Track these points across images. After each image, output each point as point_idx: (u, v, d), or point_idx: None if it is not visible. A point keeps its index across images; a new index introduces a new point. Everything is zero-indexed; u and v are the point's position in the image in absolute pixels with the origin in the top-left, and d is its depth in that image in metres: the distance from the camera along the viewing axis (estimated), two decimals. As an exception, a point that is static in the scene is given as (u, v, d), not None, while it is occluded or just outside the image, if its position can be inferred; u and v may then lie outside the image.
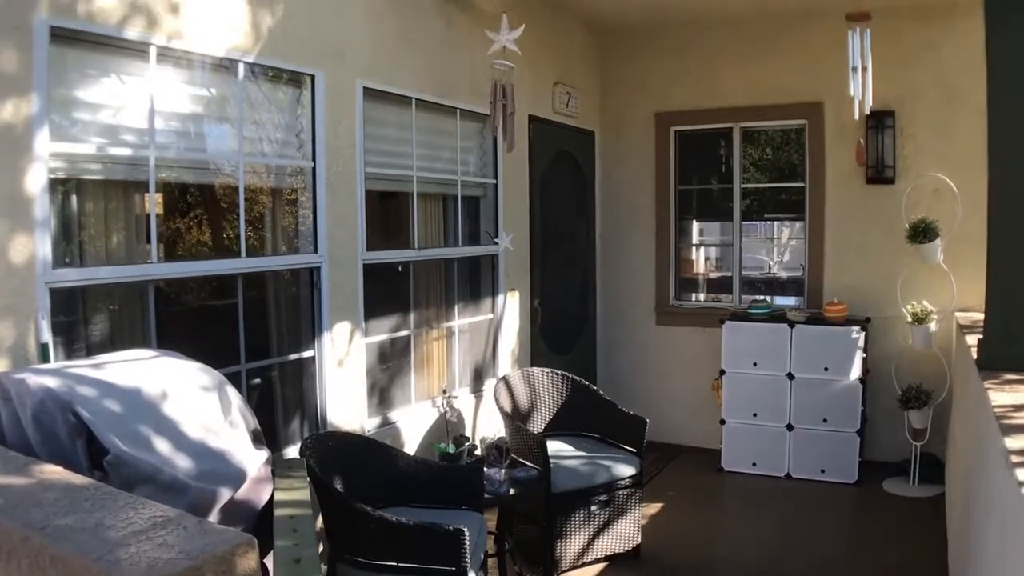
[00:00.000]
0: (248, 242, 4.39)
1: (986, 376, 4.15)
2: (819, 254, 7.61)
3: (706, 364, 7.75)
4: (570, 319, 7.99)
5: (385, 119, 5.40)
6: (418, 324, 5.79)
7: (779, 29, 7.58)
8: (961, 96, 6.78)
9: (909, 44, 7.08)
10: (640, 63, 8.26)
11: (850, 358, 6.89)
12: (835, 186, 7.48)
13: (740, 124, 7.89)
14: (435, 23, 5.78)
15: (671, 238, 8.25)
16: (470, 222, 6.42)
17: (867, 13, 4.68)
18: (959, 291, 6.63)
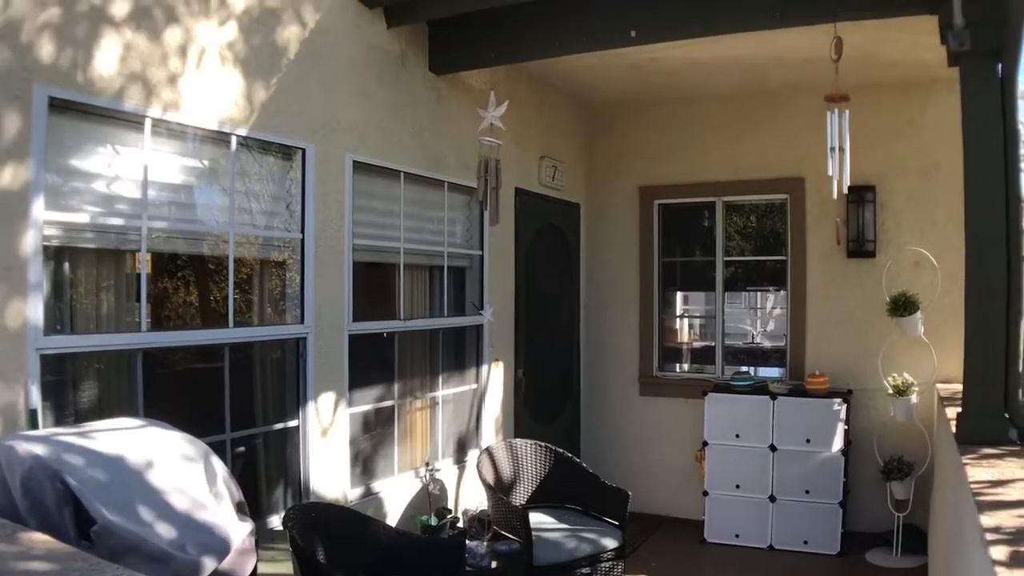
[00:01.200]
0: (236, 312, 4.46)
1: (964, 450, 4.22)
2: (801, 326, 7.72)
3: (689, 435, 7.79)
4: (554, 389, 8.05)
5: (373, 191, 5.53)
6: (402, 394, 5.84)
7: (761, 106, 7.81)
8: (941, 171, 6.97)
9: (890, 119, 7.31)
10: (625, 137, 8.47)
11: (832, 430, 6.96)
12: (817, 259, 7.64)
13: (723, 198, 8.07)
14: (425, 98, 5.94)
15: (655, 309, 8.36)
16: (456, 292, 6.52)
17: (846, 95, 4.83)
18: (940, 363, 6.74)
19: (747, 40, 5.85)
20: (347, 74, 5.20)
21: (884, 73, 6.96)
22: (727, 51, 6.44)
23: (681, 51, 6.38)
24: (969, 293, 4.47)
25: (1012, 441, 4.31)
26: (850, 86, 5.51)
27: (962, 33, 4.37)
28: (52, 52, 3.45)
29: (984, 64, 4.43)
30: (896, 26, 5.39)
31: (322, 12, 4.97)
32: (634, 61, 6.75)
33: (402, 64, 5.69)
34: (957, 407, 4.64)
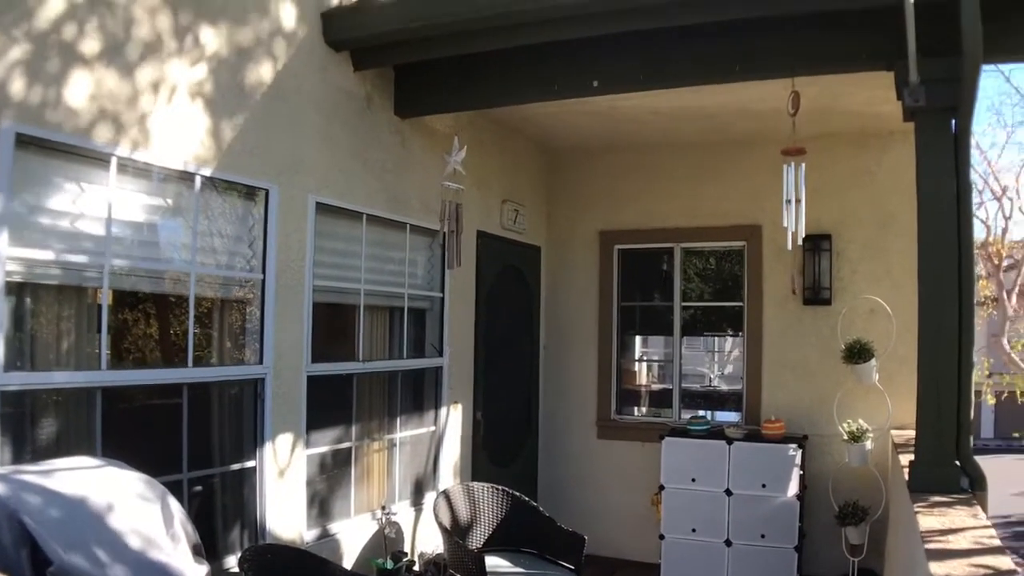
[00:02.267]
0: (196, 351, 4.47)
1: (916, 498, 4.32)
2: (757, 371, 7.85)
3: (646, 479, 7.84)
4: (513, 432, 8.09)
5: (335, 233, 5.58)
6: (360, 436, 5.85)
7: (720, 154, 8.01)
8: (896, 221, 7.16)
9: (847, 170, 7.53)
10: (586, 182, 8.62)
11: (787, 475, 7.05)
12: (773, 306, 7.79)
13: (681, 244, 8.23)
14: (389, 141, 6.02)
15: (613, 353, 8.46)
16: (415, 334, 6.56)
17: (802, 148, 4.99)
18: (894, 410, 6.87)
19: (708, 90, 6.03)
20: (313, 116, 5.27)
21: (842, 124, 7.19)
22: (688, 101, 6.62)
23: (642, 100, 6.54)
24: (922, 343, 4.62)
25: (963, 490, 4.43)
26: (808, 137, 5.70)
27: (917, 90, 4.55)
28: (22, 88, 3.49)
29: (938, 120, 4.62)
30: (854, 80, 5.59)
31: (290, 54, 5.05)
32: (596, 108, 6.90)
33: (367, 107, 5.77)
34: (910, 454, 4.78)
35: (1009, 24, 4.47)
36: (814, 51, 4.97)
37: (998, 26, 4.33)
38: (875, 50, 4.77)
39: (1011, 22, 4.48)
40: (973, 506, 4.15)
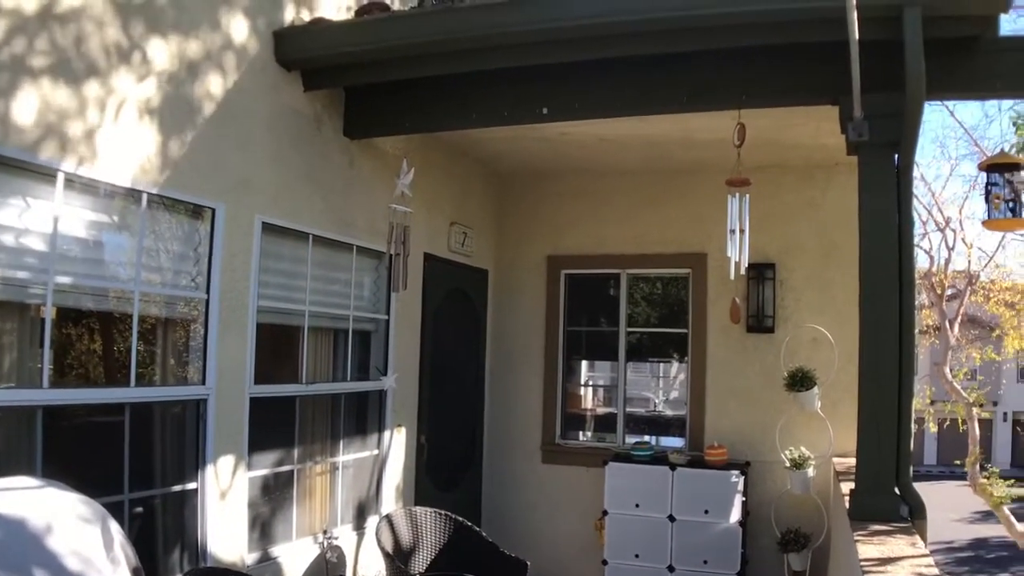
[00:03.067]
0: (139, 370, 4.46)
1: (856, 526, 4.45)
2: (701, 397, 8.00)
3: (590, 504, 7.92)
4: (457, 456, 8.14)
5: (281, 253, 5.61)
6: (302, 458, 5.85)
7: (668, 182, 8.19)
8: (840, 251, 7.35)
9: (792, 200, 7.76)
10: (535, 207, 8.74)
11: (730, 501, 7.19)
12: (717, 333, 7.96)
13: (627, 270, 8.39)
14: (338, 161, 6.07)
15: (558, 377, 8.56)
16: (360, 357, 6.58)
17: (746, 180, 5.14)
18: (836, 437, 7.06)
19: (654, 119, 6.19)
20: (261, 135, 5.31)
21: (788, 155, 7.41)
22: (636, 130, 6.77)
23: (592, 128, 6.68)
24: (862, 373, 4.76)
25: (903, 518, 4.57)
26: (754, 167, 5.86)
27: (861, 125, 4.74)
28: (-34, 103, 3.48)
29: (881, 154, 4.80)
30: (800, 112, 5.79)
31: (240, 72, 5.09)
32: (546, 135, 7.03)
33: (317, 127, 5.82)
34: (851, 482, 4.91)
35: (952, 62, 4.69)
36: (761, 84, 5.14)
37: (941, 64, 4.53)
38: (821, 85, 4.95)
39: (954, 60, 4.70)
40: (912, 535, 4.27)
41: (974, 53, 4.73)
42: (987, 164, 5.77)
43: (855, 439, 4.76)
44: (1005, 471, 22.74)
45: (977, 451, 16.61)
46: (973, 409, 17.05)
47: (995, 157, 5.83)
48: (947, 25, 4.48)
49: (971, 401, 17.10)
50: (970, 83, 4.96)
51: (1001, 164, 5.69)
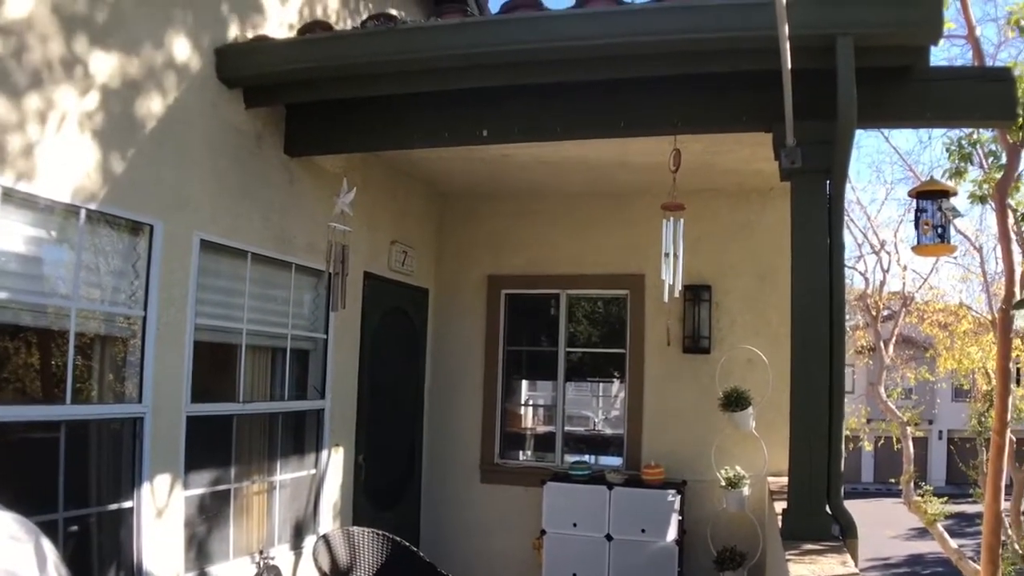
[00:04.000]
0: (75, 388, 4.48)
1: (788, 545, 4.60)
2: (638, 417, 8.17)
3: (529, 523, 8.02)
4: (396, 475, 8.19)
5: (220, 271, 5.64)
6: (239, 477, 5.87)
7: (606, 204, 8.38)
8: (774, 273, 7.58)
9: (728, 223, 7.99)
10: (476, 226, 8.87)
11: (667, 520, 7.35)
12: (654, 353, 8.14)
13: (567, 291, 8.56)
14: (278, 179, 6.14)
15: (497, 396, 8.67)
16: (298, 376, 6.63)
17: (681, 204, 5.31)
18: (771, 457, 7.28)
19: (596, 144, 6.37)
20: (202, 152, 5.36)
21: (723, 180, 7.64)
22: (576, 152, 6.94)
23: (532, 150, 6.84)
24: (794, 393, 4.95)
25: (835, 537, 4.75)
26: (691, 190, 6.05)
27: (793, 152, 4.94)
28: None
29: (813, 180, 5.02)
30: (736, 138, 6.02)
31: (182, 89, 5.15)
32: (487, 155, 7.16)
33: (257, 145, 5.89)
34: (785, 501, 5.06)
35: (883, 91, 4.93)
36: (696, 111, 5.35)
37: (873, 93, 4.76)
38: (755, 112, 5.15)
39: (885, 90, 4.94)
40: (843, 553, 4.43)
41: (905, 83, 4.98)
42: (917, 191, 6.04)
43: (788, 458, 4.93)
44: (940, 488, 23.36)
45: (911, 469, 17.06)
46: (907, 428, 17.52)
47: (925, 184, 6.10)
48: (879, 55, 4.70)
49: (905, 420, 17.57)
50: (901, 112, 5.22)
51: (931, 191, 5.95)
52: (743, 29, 4.67)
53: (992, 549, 10.00)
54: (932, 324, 20.44)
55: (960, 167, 10.52)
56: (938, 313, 20.30)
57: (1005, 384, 9.72)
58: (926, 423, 35.84)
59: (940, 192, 5.95)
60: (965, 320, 19.33)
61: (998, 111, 5.13)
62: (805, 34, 4.31)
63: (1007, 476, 12.47)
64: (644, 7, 4.94)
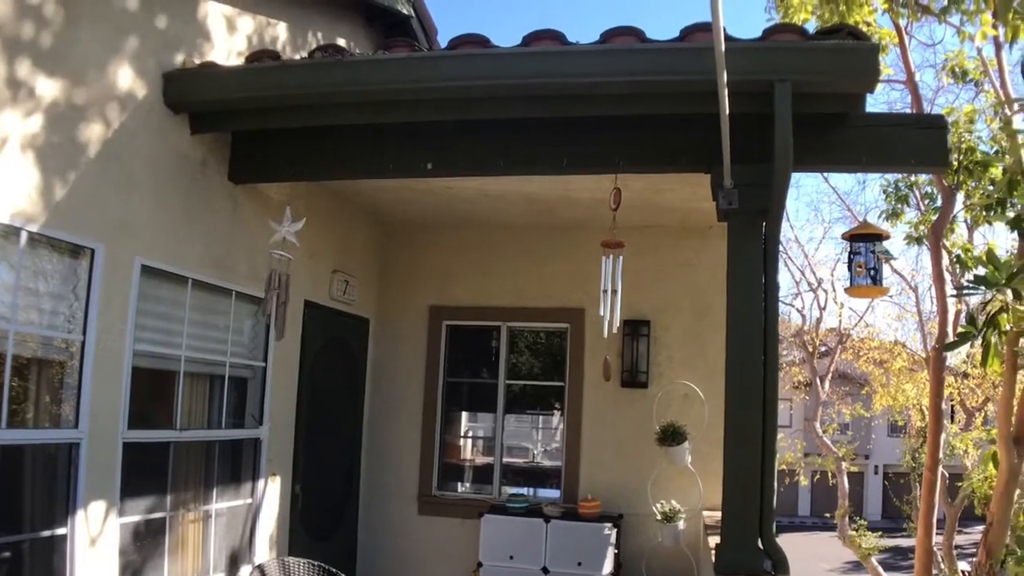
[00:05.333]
0: (10, 411, 4.48)
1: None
2: (576, 450, 8.32)
3: (465, 555, 8.09)
4: (333, 506, 8.22)
5: (160, 296, 5.67)
6: (175, 506, 5.87)
7: (547, 238, 8.56)
8: (711, 310, 7.81)
9: (668, 260, 8.22)
10: (419, 257, 8.98)
11: (602, 553, 7.48)
12: (593, 387, 8.31)
13: (508, 323, 8.71)
14: (221, 206, 6.19)
15: (436, 428, 8.76)
16: (236, 404, 6.64)
17: (620, 242, 5.47)
18: (706, 491, 7.45)
19: (539, 179, 6.55)
20: (145, 177, 5.41)
21: (665, 217, 7.84)
22: (520, 187, 7.11)
23: (476, 183, 7.01)
24: (728, 430, 5.10)
25: (767, 572, 4.89)
26: (632, 226, 6.23)
27: (731, 193, 5.12)
28: None
29: (750, 221, 5.21)
30: (677, 177, 6.22)
31: (128, 113, 5.21)
32: (431, 187, 7.30)
33: (202, 171, 5.95)
34: (719, 536, 5.18)
35: (820, 136, 5.17)
36: (638, 151, 5.52)
37: (810, 137, 4.99)
38: (695, 154, 5.33)
39: (822, 135, 5.18)
40: (774, 588, 4.59)
41: (842, 128, 5.22)
42: (851, 234, 6.29)
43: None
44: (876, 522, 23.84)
45: (846, 504, 17.41)
46: (842, 463, 17.89)
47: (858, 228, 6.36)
48: (816, 101, 4.93)
49: (840, 455, 17.94)
50: (837, 157, 5.45)
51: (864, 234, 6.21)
52: (683, 73, 4.86)
53: (924, 583, 10.26)
54: (868, 361, 20.95)
55: (897, 209, 10.92)
56: (874, 350, 20.82)
57: (937, 422, 10.02)
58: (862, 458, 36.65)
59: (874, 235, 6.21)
60: (900, 357, 19.84)
61: (932, 157, 5.36)
62: (744, 79, 4.49)
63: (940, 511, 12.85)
64: (587, 48, 5.11)
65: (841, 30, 5.00)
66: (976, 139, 8.50)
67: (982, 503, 10.33)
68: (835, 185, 27.80)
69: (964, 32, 7.98)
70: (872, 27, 8.98)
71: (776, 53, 4.89)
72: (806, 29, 5.55)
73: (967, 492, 12.47)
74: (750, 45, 4.87)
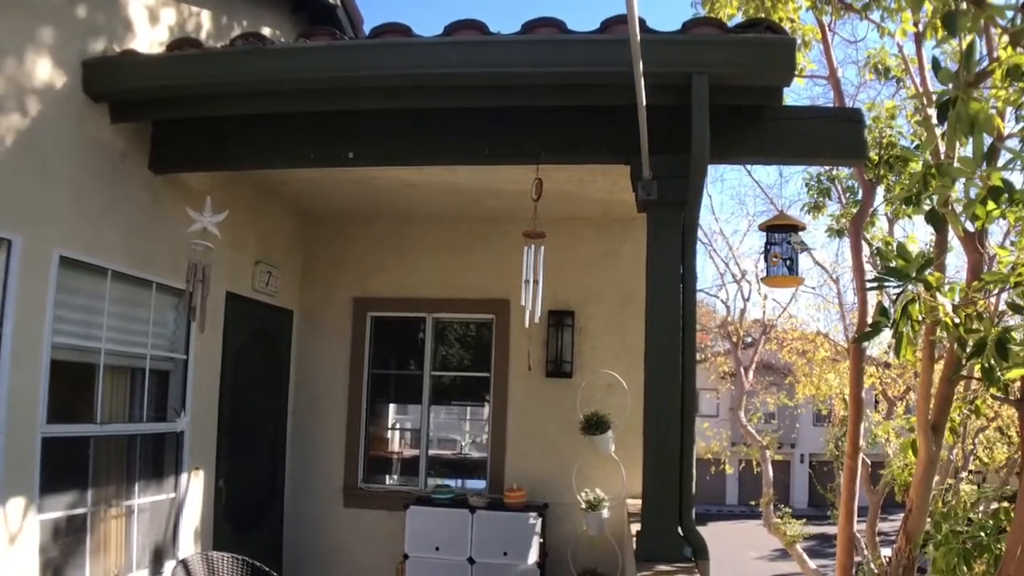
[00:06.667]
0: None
1: (642, 567, 4.92)
2: (502, 441, 8.49)
3: (392, 547, 8.18)
4: (257, 500, 8.26)
5: (79, 288, 5.67)
6: (96, 501, 5.86)
7: (472, 229, 8.70)
8: (635, 300, 7.82)
9: (591, 251, 8.41)
10: (343, 248, 9.04)
11: (528, 543, 7.65)
12: (518, 378, 8.48)
13: (433, 315, 8.82)
14: (142, 196, 6.20)
15: (362, 420, 8.84)
16: (158, 397, 6.65)
17: (542, 232, 5.58)
18: (629, 480, 7.62)
19: (462, 169, 6.67)
20: (64, 166, 5.41)
21: (589, 208, 8.02)
22: (444, 177, 7.21)
23: (400, 173, 7.10)
24: (647, 418, 5.29)
25: (687, 558, 5.08)
26: (556, 218, 6.37)
27: (650, 184, 5.30)
28: None
29: (668, 213, 5.40)
30: (599, 169, 6.39)
31: (46, 102, 5.22)
32: (355, 177, 7.37)
33: (122, 161, 5.95)
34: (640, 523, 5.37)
35: (738, 129, 5.37)
36: (558, 142, 5.67)
37: (728, 130, 5.19)
38: (615, 145, 5.48)
39: (740, 127, 5.38)
40: (693, 574, 4.78)
41: (760, 121, 5.43)
42: (767, 225, 6.54)
43: (646, 482, 5.23)
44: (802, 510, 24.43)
45: (771, 492, 17.84)
46: (766, 452, 18.34)
47: (775, 219, 6.62)
48: (734, 94, 5.14)
49: (764, 444, 18.39)
50: (755, 149, 5.67)
51: (780, 225, 6.46)
52: (603, 64, 5.02)
53: (846, 569, 10.56)
54: (791, 351, 21.46)
55: (819, 202, 11.30)
56: (797, 341, 21.33)
57: (857, 410, 10.37)
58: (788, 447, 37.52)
59: (790, 226, 6.47)
60: (823, 348, 20.36)
61: (849, 150, 5.59)
62: (662, 72, 4.67)
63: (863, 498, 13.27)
64: (508, 39, 5.26)
65: (759, 24, 5.21)
66: (897, 134, 8.85)
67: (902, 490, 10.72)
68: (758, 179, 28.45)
69: (884, 28, 8.30)
70: (796, 23, 9.28)
71: (694, 46, 5.07)
72: (725, 23, 5.76)
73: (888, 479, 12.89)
74: (669, 38, 5.06)
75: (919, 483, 6.67)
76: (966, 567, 5.89)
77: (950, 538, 6.10)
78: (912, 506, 6.73)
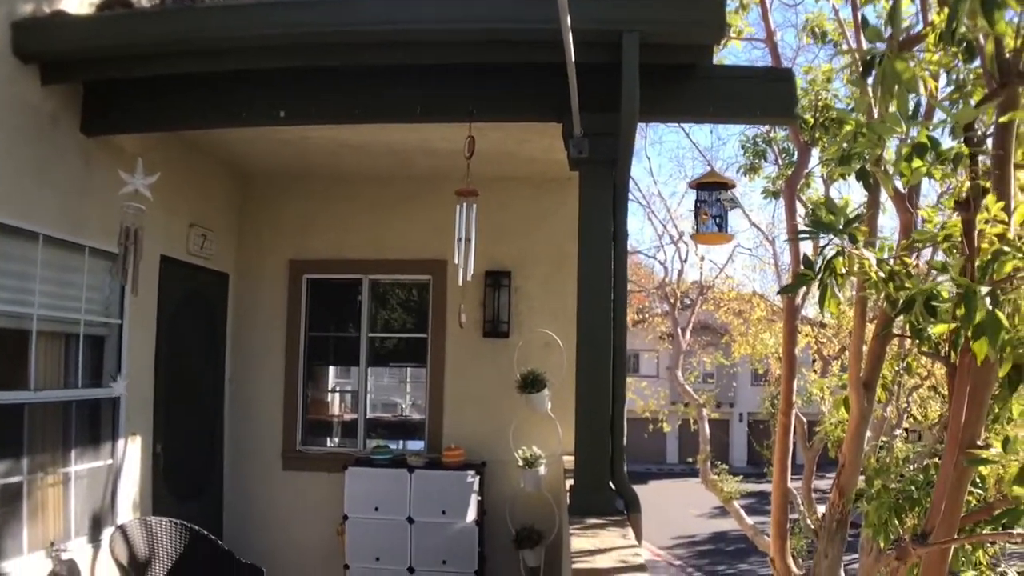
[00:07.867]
0: None
1: (574, 521, 5.06)
2: (439, 401, 8.66)
3: (331, 509, 8.30)
4: (196, 464, 8.34)
5: (10, 254, 5.66)
6: (32, 469, 5.88)
7: (407, 189, 8.78)
8: (571, 260, 7.88)
9: (528, 210, 8.57)
10: (278, 210, 9.07)
11: (466, 501, 7.85)
12: (455, 338, 8.63)
13: (369, 276, 8.93)
14: (73, 160, 6.18)
15: (299, 383, 8.93)
16: (93, 363, 6.67)
17: (474, 190, 5.68)
18: (565, 437, 7.82)
19: (397, 128, 6.74)
20: (-7, 130, 5.38)
21: (523, 168, 8.15)
22: (378, 136, 7.31)
23: (333, 132, 7.17)
24: (579, 375, 5.46)
25: (619, 511, 5.26)
26: (492, 177, 6.48)
27: (581, 142, 5.44)
28: None
29: (600, 171, 5.54)
30: (534, 128, 6.50)
31: (-28, 64, 5.17)
32: (289, 137, 7.42)
33: (52, 123, 5.93)
34: (573, 478, 5.54)
35: (668, 87, 5.51)
36: (491, 100, 5.77)
37: (658, 88, 5.33)
38: (547, 103, 5.59)
39: (670, 85, 5.51)
40: (625, 527, 4.92)
41: (690, 79, 5.57)
42: (697, 183, 6.74)
43: (581, 439, 5.40)
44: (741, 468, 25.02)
45: (707, 449, 18.24)
46: (703, 410, 18.74)
47: (704, 176, 6.82)
48: (665, 52, 5.24)
49: (701, 403, 18.79)
50: (685, 107, 5.83)
51: (710, 183, 6.66)
52: (531, 21, 5.07)
53: (780, 524, 10.87)
54: (728, 312, 21.88)
55: (755, 163, 11.53)
56: (733, 301, 21.74)
57: (791, 368, 10.68)
58: (728, 406, 38.26)
59: (719, 184, 6.67)
60: (759, 308, 20.78)
61: (779, 109, 5.77)
62: (591, 28, 4.75)
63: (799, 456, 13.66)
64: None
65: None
66: (833, 97, 9.08)
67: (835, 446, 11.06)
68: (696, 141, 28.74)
69: (822, -9, 8.48)
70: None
71: (624, 4, 5.16)
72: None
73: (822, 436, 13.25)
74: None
75: (851, 439, 6.87)
76: (897, 520, 6.10)
77: (882, 493, 6.32)
78: (845, 462, 6.95)
